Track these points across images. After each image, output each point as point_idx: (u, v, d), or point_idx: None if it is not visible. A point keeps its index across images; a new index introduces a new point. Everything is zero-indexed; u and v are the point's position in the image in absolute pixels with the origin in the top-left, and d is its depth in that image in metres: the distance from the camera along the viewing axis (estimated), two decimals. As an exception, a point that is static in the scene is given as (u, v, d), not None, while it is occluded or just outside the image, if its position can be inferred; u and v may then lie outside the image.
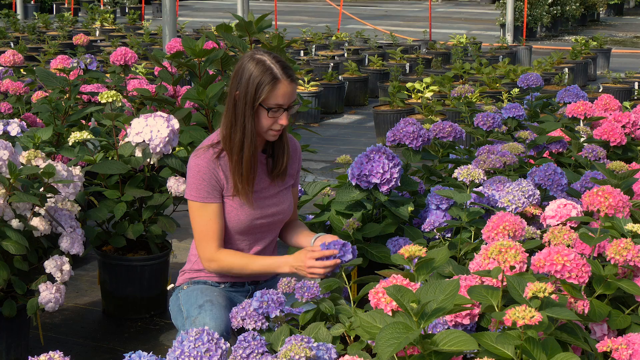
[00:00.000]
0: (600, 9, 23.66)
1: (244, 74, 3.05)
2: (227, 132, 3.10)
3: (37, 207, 3.67)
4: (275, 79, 3.02)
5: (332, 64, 11.93)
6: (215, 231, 3.13)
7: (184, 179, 4.19)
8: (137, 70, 7.83)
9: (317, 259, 2.90)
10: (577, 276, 2.34)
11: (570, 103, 4.81)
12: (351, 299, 2.70)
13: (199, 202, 3.12)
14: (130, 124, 4.10)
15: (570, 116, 4.66)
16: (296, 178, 3.34)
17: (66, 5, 22.47)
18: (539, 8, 18.66)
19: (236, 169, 3.10)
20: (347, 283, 2.77)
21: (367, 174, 3.37)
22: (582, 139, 4.44)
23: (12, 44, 12.55)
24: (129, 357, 2.08)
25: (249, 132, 3.06)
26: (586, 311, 2.39)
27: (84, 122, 5.16)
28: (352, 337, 2.53)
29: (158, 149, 4.00)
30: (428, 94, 9.00)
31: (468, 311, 2.36)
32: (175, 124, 4.06)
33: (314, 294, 2.62)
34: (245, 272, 3.15)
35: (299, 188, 3.92)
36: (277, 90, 3.03)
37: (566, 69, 11.45)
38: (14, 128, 4.19)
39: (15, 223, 3.58)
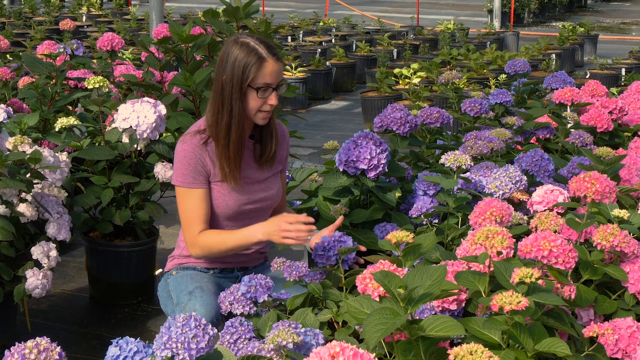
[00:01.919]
0: (588, -5, 23.69)
1: (229, 58, 3.05)
2: (215, 117, 3.09)
3: (23, 193, 3.66)
4: (261, 58, 3.02)
5: (319, 50, 11.89)
6: (199, 216, 3.12)
7: (171, 164, 4.18)
8: (124, 56, 7.78)
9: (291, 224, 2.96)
10: (563, 262, 2.34)
11: (557, 89, 4.82)
12: (342, 284, 2.71)
13: (184, 188, 3.12)
14: (117, 110, 4.09)
15: (557, 102, 4.66)
16: (284, 164, 3.34)
17: (52, -10, 22.31)
18: (527, -6, 18.66)
19: (223, 152, 3.09)
20: (342, 273, 2.79)
21: (355, 160, 3.36)
22: (569, 125, 4.45)
23: (-2, 29, 12.47)
24: (117, 343, 2.08)
25: (235, 114, 3.06)
26: (573, 296, 2.39)
27: (70, 107, 5.14)
28: (340, 323, 2.53)
29: (145, 135, 4.00)
30: (415, 80, 8.99)
31: (455, 297, 2.36)
32: (162, 109, 4.05)
33: (303, 273, 2.64)
34: (224, 249, 3.12)
35: (287, 174, 3.92)
36: (264, 69, 3.03)
37: (553, 55, 11.46)
38: (0, 114, 4.17)
39: (1, 209, 3.57)
